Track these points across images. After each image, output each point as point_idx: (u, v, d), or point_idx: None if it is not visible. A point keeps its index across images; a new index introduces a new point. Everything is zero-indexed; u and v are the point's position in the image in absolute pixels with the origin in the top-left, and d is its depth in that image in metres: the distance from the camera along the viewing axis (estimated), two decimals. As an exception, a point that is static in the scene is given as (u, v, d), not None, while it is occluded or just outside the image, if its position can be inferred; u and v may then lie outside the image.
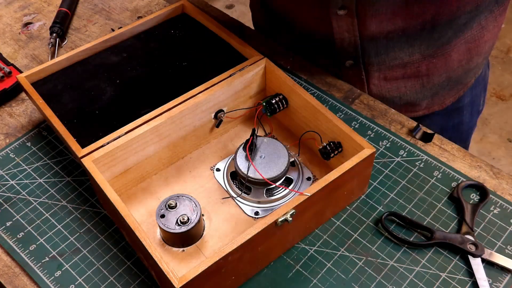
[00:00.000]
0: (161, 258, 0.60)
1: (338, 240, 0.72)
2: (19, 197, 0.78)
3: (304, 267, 0.69)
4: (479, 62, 0.95)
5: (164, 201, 0.70)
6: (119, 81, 0.81)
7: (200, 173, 0.78)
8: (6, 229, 0.74)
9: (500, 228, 0.71)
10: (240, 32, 0.99)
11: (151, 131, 0.72)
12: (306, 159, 0.79)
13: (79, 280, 0.69)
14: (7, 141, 0.85)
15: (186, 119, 0.75)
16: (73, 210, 0.76)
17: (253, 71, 0.79)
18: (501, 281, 0.67)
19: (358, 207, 0.75)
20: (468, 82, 0.98)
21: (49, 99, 0.78)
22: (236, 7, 2.73)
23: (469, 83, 0.99)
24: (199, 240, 0.71)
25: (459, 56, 0.90)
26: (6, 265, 0.71)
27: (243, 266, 0.65)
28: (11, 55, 0.99)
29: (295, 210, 0.63)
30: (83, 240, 0.73)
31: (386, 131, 0.82)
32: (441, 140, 0.81)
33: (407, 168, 0.78)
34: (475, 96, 1.04)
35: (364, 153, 0.68)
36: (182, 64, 0.82)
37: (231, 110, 0.80)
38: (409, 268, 0.69)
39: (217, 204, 0.74)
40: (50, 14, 1.07)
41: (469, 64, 0.93)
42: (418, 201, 0.75)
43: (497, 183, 0.76)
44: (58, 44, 0.99)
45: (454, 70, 0.92)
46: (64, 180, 0.79)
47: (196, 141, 0.80)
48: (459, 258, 0.69)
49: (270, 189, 0.74)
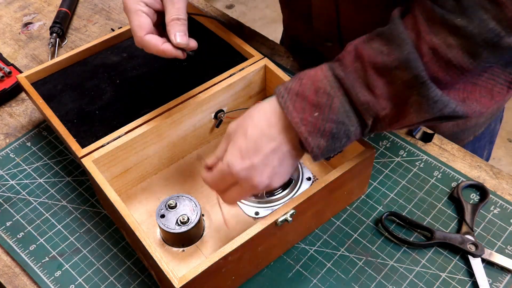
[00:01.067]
0: (161, 258, 0.60)
1: (338, 240, 0.72)
2: (19, 197, 0.78)
3: (304, 267, 0.69)
4: (479, 122, 0.89)
5: (164, 201, 0.70)
6: (119, 81, 0.81)
7: (200, 173, 0.78)
8: (6, 229, 0.74)
9: (500, 228, 0.71)
10: (240, 32, 0.99)
11: (151, 131, 0.72)
12: (306, 159, 0.79)
13: (79, 280, 0.69)
14: (7, 141, 0.85)
15: (186, 119, 0.75)
16: (73, 210, 0.76)
17: (253, 71, 0.79)
18: (501, 281, 0.67)
19: (358, 207, 0.75)
20: (465, 138, 0.91)
21: (49, 99, 0.78)
22: (236, 7, 2.73)
23: (467, 140, 0.92)
24: (199, 240, 0.71)
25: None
26: (6, 265, 0.71)
27: (243, 266, 0.65)
28: (11, 55, 0.99)
29: (295, 210, 0.63)
30: (83, 240, 0.73)
31: (386, 131, 0.82)
32: (441, 140, 0.81)
33: (407, 168, 0.78)
34: (478, 149, 0.96)
35: (364, 153, 0.68)
36: (182, 64, 0.82)
37: (231, 110, 0.80)
38: (409, 268, 0.69)
39: (217, 204, 0.74)
40: (50, 14, 1.07)
41: (466, 124, 0.87)
42: (418, 201, 0.75)
43: (497, 183, 0.76)
44: (58, 44, 0.99)
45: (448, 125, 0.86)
46: (64, 180, 0.79)
47: (196, 141, 0.80)
48: (459, 258, 0.69)
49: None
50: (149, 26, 0.67)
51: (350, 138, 0.59)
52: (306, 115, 0.57)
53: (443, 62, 0.55)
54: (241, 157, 0.59)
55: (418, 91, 0.56)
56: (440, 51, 0.54)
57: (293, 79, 0.60)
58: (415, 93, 0.56)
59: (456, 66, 0.55)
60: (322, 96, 0.57)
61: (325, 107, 0.57)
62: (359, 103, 0.57)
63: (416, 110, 0.57)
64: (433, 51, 0.55)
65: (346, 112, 0.57)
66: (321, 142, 0.58)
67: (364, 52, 0.57)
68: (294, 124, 0.58)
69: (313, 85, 0.58)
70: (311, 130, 0.57)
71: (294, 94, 0.58)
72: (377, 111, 0.57)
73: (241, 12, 2.70)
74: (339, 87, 0.58)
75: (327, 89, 0.57)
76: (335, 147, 0.59)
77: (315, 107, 0.57)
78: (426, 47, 0.55)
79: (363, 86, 0.57)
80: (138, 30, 0.66)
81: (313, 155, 0.59)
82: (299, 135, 0.58)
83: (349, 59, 0.58)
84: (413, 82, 0.55)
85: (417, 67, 0.55)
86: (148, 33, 0.67)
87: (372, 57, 0.56)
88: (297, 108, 0.58)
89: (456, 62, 0.54)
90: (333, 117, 0.57)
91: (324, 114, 0.57)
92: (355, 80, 0.57)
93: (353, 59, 0.58)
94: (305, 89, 0.58)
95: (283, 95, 0.59)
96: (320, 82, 0.58)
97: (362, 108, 0.57)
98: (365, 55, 0.57)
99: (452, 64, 0.55)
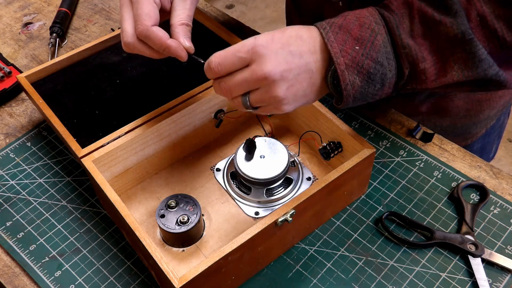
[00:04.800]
0: (161, 258, 0.60)
1: (338, 240, 0.72)
2: (19, 197, 0.78)
3: (304, 267, 0.69)
4: (491, 114, 0.90)
5: (164, 201, 0.70)
6: (119, 81, 0.81)
7: (200, 173, 0.78)
8: (6, 229, 0.74)
9: (500, 228, 0.71)
10: (240, 32, 0.99)
11: (151, 131, 0.72)
12: (306, 159, 0.79)
13: (79, 280, 0.69)
14: (7, 141, 0.85)
15: (186, 119, 0.75)
16: (73, 210, 0.76)
17: (253, 71, 0.79)
18: (501, 281, 0.67)
19: (358, 207, 0.75)
20: (478, 132, 0.92)
21: (49, 99, 0.78)
22: (236, 7, 2.73)
23: (479, 133, 0.93)
24: (199, 240, 0.71)
25: (466, 105, 0.84)
26: (6, 265, 0.71)
27: (243, 266, 0.65)
28: (11, 55, 0.99)
29: (295, 210, 0.63)
30: (83, 240, 0.73)
31: (386, 131, 0.82)
32: (441, 140, 0.81)
33: (407, 168, 0.78)
34: (487, 143, 0.97)
35: (364, 153, 0.68)
36: (182, 64, 0.82)
37: (231, 110, 0.80)
38: (409, 268, 0.69)
39: (217, 204, 0.74)
40: (50, 14, 1.07)
41: (479, 116, 0.87)
42: (418, 201, 0.75)
43: (497, 183, 0.76)
44: (58, 44, 0.99)
45: (461, 118, 0.87)
46: (64, 180, 0.80)
47: (196, 141, 0.80)
48: (459, 258, 0.69)
49: (270, 189, 0.74)
50: (156, 18, 0.63)
51: (384, 86, 0.58)
52: (347, 47, 0.57)
53: (487, 31, 0.56)
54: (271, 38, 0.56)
55: (463, 48, 0.56)
56: (488, 19, 0.55)
57: (336, 16, 0.60)
58: (460, 49, 0.56)
59: (499, 37, 0.56)
60: (366, 31, 0.57)
61: (367, 42, 0.57)
62: (401, 45, 0.57)
63: (460, 67, 0.57)
64: (481, 18, 0.55)
65: (386, 53, 0.57)
66: (357, 80, 0.57)
67: (414, 1, 0.57)
68: (334, 54, 0.56)
69: (358, 20, 0.58)
70: (349, 64, 0.56)
71: (337, 27, 0.58)
72: (417, 59, 0.57)
73: (241, 12, 2.70)
74: (384, 26, 0.58)
75: (372, 25, 0.57)
76: (367, 92, 0.58)
77: (357, 40, 0.57)
78: (475, 13, 0.56)
79: (407, 32, 0.57)
80: (147, 18, 0.62)
81: (345, 92, 0.57)
82: (336, 67, 0.56)
83: (396, 5, 0.58)
84: (460, 38, 0.55)
85: (464, 23, 0.55)
86: (154, 24, 0.63)
87: (422, 7, 0.57)
88: (338, 39, 0.57)
89: (501, 34, 0.55)
90: (373, 55, 0.57)
91: (365, 49, 0.57)
92: (400, 23, 0.57)
93: (401, 5, 0.58)
94: (349, 22, 0.58)
95: (325, 27, 0.58)
96: (366, 18, 0.58)
97: (403, 52, 0.57)
98: (414, 3, 0.57)
99: (497, 35, 0.55)
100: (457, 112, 0.86)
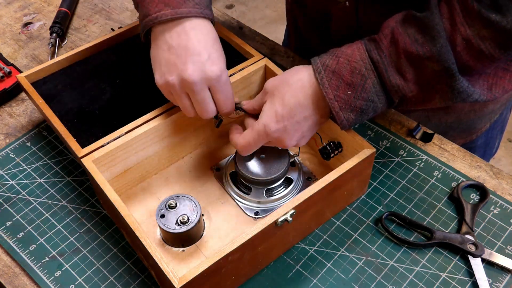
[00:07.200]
0: (161, 258, 0.60)
1: (338, 240, 0.72)
2: (19, 197, 0.78)
3: (304, 267, 0.69)
4: (495, 108, 0.91)
5: (164, 201, 0.70)
6: (119, 81, 0.81)
7: (200, 173, 0.78)
8: (6, 229, 0.74)
9: (500, 228, 0.71)
10: (240, 32, 0.99)
11: (151, 131, 0.72)
12: (306, 159, 0.79)
13: (79, 280, 0.69)
14: (7, 141, 0.85)
15: (186, 119, 0.75)
16: (73, 210, 0.76)
17: (253, 71, 0.79)
18: (501, 281, 0.67)
19: (358, 207, 0.75)
20: (482, 127, 0.94)
21: (49, 99, 0.78)
22: (236, 7, 2.73)
23: (483, 128, 0.95)
24: (199, 240, 0.71)
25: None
26: (6, 265, 0.71)
27: (243, 266, 0.65)
28: (11, 55, 0.99)
29: (295, 210, 0.63)
30: (83, 240, 0.73)
31: (386, 131, 0.82)
32: (441, 140, 0.81)
33: (407, 168, 0.78)
34: (490, 138, 0.99)
35: (364, 153, 0.68)
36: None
37: (231, 110, 0.80)
38: (409, 268, 0.69)
39: (217, 204, 0.74)
40: (50, 14, 1.07)
41: (483, 110, 0.89)
42: (418, 201, 0.75)
43: (497, 183, 0.76)
44: (58, 44, 0.99)
45: (466, 113, 0.88)
46: (64, 180, 0.80)
47: (196, 141, 0.80)
48: (459, 258, 0.69)
49: (270, 189, 0.74)
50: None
51: (376, 112, 0.66)
52: (340, 92, 0.64)
53: (475, 52, 0.60)
54: (276, 121, 0.65)
55: (446, 82, 0.61)
56: (473, 42, 0.59)
57: (330, 54, 0.66)
58: (442, 83, 0.62)
59: (487, 56, 0.60)
60: (356, 76, 0.64)
61: (358, 86, 0.64)
62: (390, 86, 0.64)
63: (441, 96, 0.63)
64: (467, 42, 0.60)
65: (376, 92, 0.64)
66: (351, 116, 0.65)
67: (400, 38, 0.62)
68: (328, 99, 0.65)
69: (350, 65, 0.64)
70: (343, 106, 0.65)
71: (331, 72, 0.64)
72: (405, 93, 0.64)
73: (241, 12, 2.70)
74: (373, 70, 0.63)
75: (362, 71, 0.63)
76: (362, 119, 0.67)
77: (349, 86, 0.64)
78: (460, 37, 0.60)
79: (395, 71, 0.63)
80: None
81: (341, 126, 0.66)
82: (332, 109, 0.65)
83: (385, 43, 0.63)
84: (443, 73, 0.61)
85: (448, 59, 0.60)
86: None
87: (406, 45, 0.62)
88: (332, 85, 0.64)
89: (488, 52, 0.60)
90: (364, 96, 0.64)
91: (357, 92, 0.64)
92: (388, 64, 0.63)
93: (389, 44, 0.63)
94: (341, 68, 0.64)
95: (320, 71, 0.65)
96: (357, 63, 0.64)
97: (392, 90, 0.64)
98: (400, 41, 0.62)
99: (484, 54, 0.60)
100: (462, 107, 0.88)
